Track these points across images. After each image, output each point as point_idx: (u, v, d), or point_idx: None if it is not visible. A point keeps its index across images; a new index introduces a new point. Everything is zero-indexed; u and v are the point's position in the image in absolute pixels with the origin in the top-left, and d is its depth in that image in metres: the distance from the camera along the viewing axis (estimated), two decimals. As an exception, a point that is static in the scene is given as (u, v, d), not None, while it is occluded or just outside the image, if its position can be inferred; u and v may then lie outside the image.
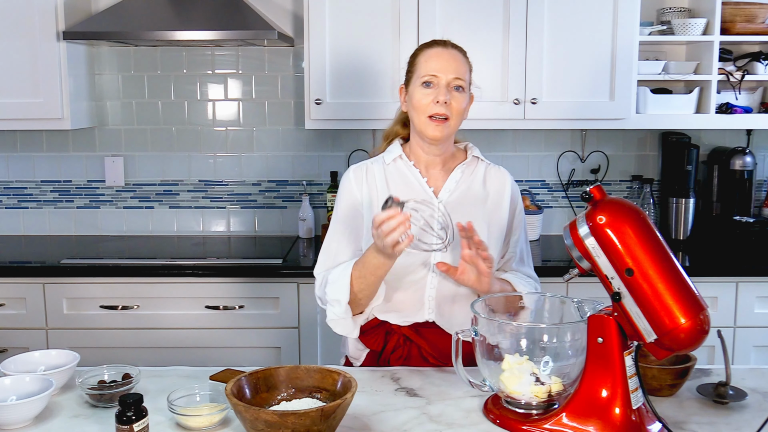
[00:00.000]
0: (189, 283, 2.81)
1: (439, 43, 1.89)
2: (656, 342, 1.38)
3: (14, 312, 2.82)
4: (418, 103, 1.84)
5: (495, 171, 1.97)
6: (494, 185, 1.95)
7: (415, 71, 1.88)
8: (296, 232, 3.37)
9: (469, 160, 1.95)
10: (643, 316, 1.38)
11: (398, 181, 1.92)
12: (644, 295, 1.38)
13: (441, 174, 1.93)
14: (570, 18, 2.91)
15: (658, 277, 1.37)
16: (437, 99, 1.82)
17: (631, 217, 1.42)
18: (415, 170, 1.92)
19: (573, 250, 1.47)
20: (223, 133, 3.37)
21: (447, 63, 1.84)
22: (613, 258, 1.41)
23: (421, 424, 1.51)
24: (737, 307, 2.82)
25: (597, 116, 2.97)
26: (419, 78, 1.85)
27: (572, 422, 1.44)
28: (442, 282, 1.86)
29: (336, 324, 1.87)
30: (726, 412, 1.57)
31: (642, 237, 1.40)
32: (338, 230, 1.94)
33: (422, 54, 1.88)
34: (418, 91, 1.84)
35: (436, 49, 1.87)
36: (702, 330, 1.36)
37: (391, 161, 1.94)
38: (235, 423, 1.51)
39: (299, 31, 3.21)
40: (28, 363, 1.72)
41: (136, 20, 2.88)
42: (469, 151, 1.98)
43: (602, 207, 1.43)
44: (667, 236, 3.20)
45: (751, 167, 3.18)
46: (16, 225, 3.42)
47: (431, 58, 1.85)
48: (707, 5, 3.00)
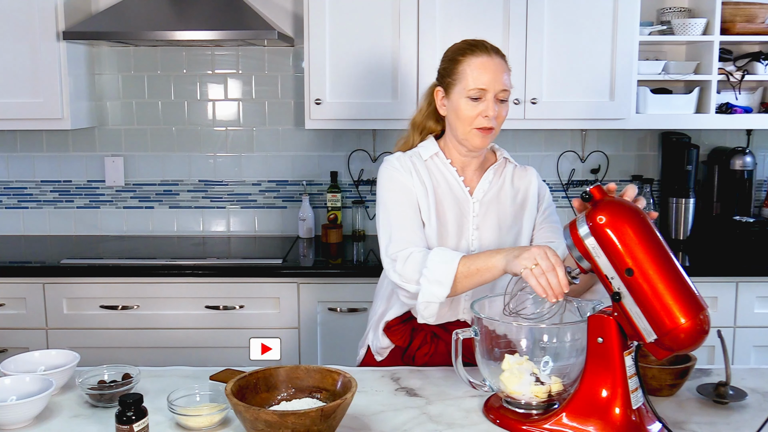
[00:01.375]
0: (189, 283, 2.81)
1: (481, 49, 1.83)
2: (656, 342, 1.38)
3: (14, 312, 2.82)
4: (464, 115, 1.82)
5: (522, 171, 2.00)
6: (522, 184, 1.97)
7: (460, 80, 1.82)
8: (296, 232, 3.37)
9: (500, 162, 1.97)
10: (643, 316, 1.38)
11: (438, 177, 1.91)
12: (644, 295, 1.38)
13: (475, 174, 1.94)
14: (570, 18, 2.91)
15: (658, 277, 1.37)
16: (486, 113, 1.80)
17: (631, 217, 1.41)
18: (452, 169, 1.92)
19: (573, 250, 1.48)
20: (223, 133, 3.37)
21: (495, 75, 1.80)
22: (613, 258, 1.41)
23: (421, 424, 1.51)
24: (737, 307, 2.82)
25: (597, 116, 2.98)
26: (466, 89, 1.80)
27: (572, 422, 1.44)
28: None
29: (427, 306, 1.74)
30: (726, 412, 1.57)
31: (642, 237, 1.40)
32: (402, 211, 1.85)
33: (467, 62, 1.82)
34: (465, 103, 1.81)
35: (481, 59, 1.81)
36: (702, 330, 1.36)
37: (428, 157, 1.93)
38: (235, 423, 1.51)
39: (299, 31, 3.21)
40: (28, 363, 1.72)
41: (136, 20, 2.88)
42: (498, 153, 1.99)
43: (602, 207, 1.43)
44: (667, 236, 3.20)
45: (751, 167, 3.18)
46: (16, 225, 3.42)
47: (478, 70, 1.80)
48: (707, 5, 3.00)
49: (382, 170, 1.92)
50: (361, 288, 2.81)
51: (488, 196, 1.92)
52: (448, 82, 1.86)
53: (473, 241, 1.90)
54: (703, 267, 2.90)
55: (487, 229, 1.90)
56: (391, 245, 1.83)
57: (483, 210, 1.91)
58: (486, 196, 1.92)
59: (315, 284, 2.81)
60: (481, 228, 1.90)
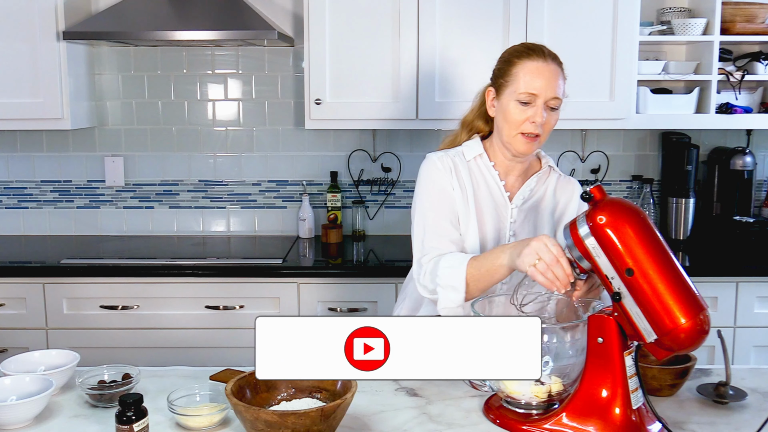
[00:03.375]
0: (189, 283, 2.81)
1: (538, 54, 1.80)
2: (656, 342, 1.38)
3: (14, 312, 2.82)
4: (512, 118, 1.79)
5: (565, 182, 1.96)
6: (564, 196, 1.94)
7: (512, 83, 1.79)
8: (296, 232, 3.37)
9: (545, 170, 1.94)
10: (643, 316, 1.38)
11: (479, 179, 1.89)
12: (644, 295, 1.38)
13: (517, 180, 1.91)
14: (570, 18, 2.91)
15: (658, 277, 1.37)
16: (534, 119, 1.77)
17: (631, 217, 1.41)
18: (494, 172, 1.89)
19: (573, 250, 1.48)
20: (223, 133, 3.37)
21: (548, 81, 1.77)
22: (613, 258, 1.41)
23: (421, 424, 1.51)
24: (737, 307, 2.82)
25: (597, 116, 2.97)
26: (516, 92, 1.78)
27: (572, 422, 1.44)
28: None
29: (449, 312, 1.75)
30: (726, 412, 1.57)
31: (642, 237, 1.40)
32: (438, 214, 1.84)
33: (521, 65, 1.79)
34: (514, 106, 1.79)
35: (537, 63, 1.78)
36: (702, 330, 1.36)
37: (471, 158, 1.91)
38: (235, 423, 1.51)
39: (299, 31, 3.21)
40: (28, 363, 1.72)
41: (136, 20, 2.88)
42: (543, 160, 1.96)
43: (602, 207, 1.43)
44: (667, 236, 3.20)
45: (751, 167, 3.18)
46: (16, 225, 3.42)
47: (532, 74, 1.77)
48: (707, 5, 3.00)
49: (422, 169, 1.90)
50: (361, 288, 2.81)
51: (528, 204, 1.90)
52: (501, 83, 1.83)
53: None
54: (703, 267, 2.90)
55: (523, 236, 1.87)
56: (422, 252, 1.83)
57: (521, 217, 1.89)
58: (525, 204, 1.90)
59: (315, 284, 2.81)
60: (518, 235, 1.88)
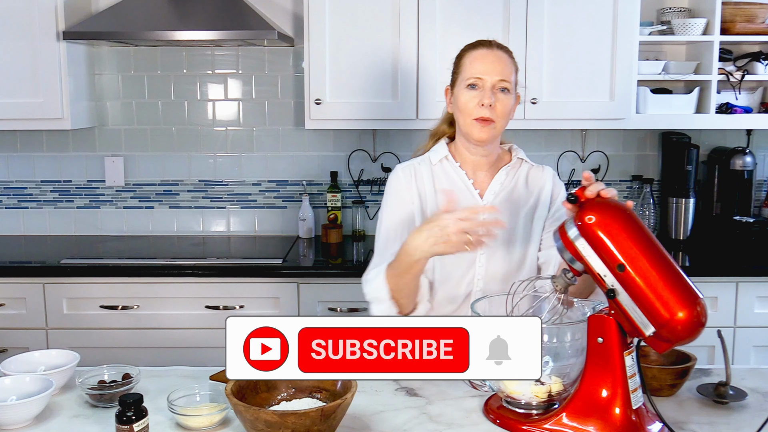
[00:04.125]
0: (189, 283, 2.81)
1: (484, 44, 1.87)
2: (655, 335, 1.38)
3: (14, 312, 2.82)
4: (463, 106, 1.83)
5: (537, 170, 1.98)
6: (536, 185, 1.95)
7: (461, 73, 1.86)
8: (296, 232, 3.37)
9: (514, 162, 1.96)
10: (639, 310, 1.39)
11: (444, 182, 1.91)
12: (638, 288, 1.38)
13: (486, 176, 1.93)
14: (570, 18, 2.91)
15: (650, 270, 1.38)
16: (482, 102, 1.80)
17: (619, 214, 1.43)
18: (461, 172, 1.92)
19: (564, 253, 1.48)
20: (223, 133, 3.37)
21: (492, 65, 1.82)
22: (605, 256, 1.41)
23: (421, 424, 1.51)
24: (737, 307, 2.82)
25: (597, 116, 2.97)
26: (464, 80, 1.83)
27: (572, 422, 1.44)
28: (488, 285, 1.86)
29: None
30: (726, 412, 1.57)
31: (631, 232, 1.41)
32: (390, 232, 1.90)
33: (467, 56, 1.86)
34: (464, 94, 1.83)
35: (481, 51, 1.85)
36: (699, 318, 1.36)
37: (437, 161, 1.93)
38: (235, 423, 1.51)
39: (299, 31, 3.20)
40: (28, 363, 1.72)
41: (136, 20, 2.88)
42: (513, 153, 1.98)
43: (590, 207, 1.44)
44: (667, 236, 3.21)
45: (751, 167, 3.18)
46: (16, 225, 3.42)
47: (476, 60, 1.83)
48: (707, 5, 3.00)
49: (387, 182, 1.97)
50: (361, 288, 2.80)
51: (499, 198, 1.91)
52: (453, 78, 1.90)
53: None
54: (703, 267, 2.90)
55: (497, 232, 1.88)
56: (367, 271, 1.90)
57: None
58: (497, 198, 1.91)
59: (315, 284, 2.81)
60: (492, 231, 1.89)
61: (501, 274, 1.88)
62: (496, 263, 1.87)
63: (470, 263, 1.87)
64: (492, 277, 1.87)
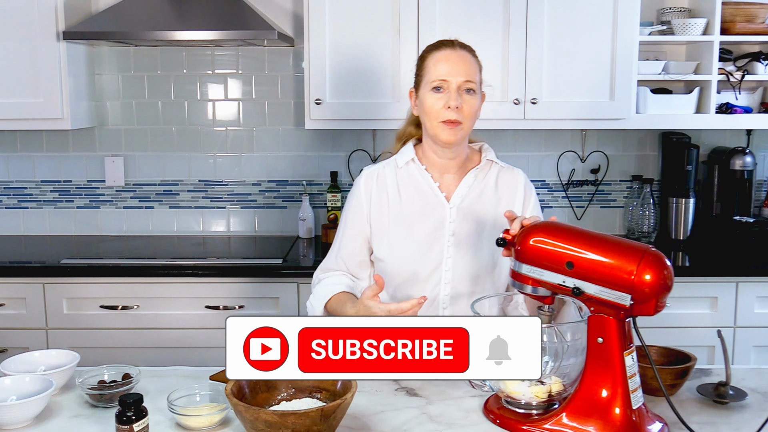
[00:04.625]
0: (189, 283, 2.81)
1: (446, 44, 1.85)
2: (635, 299, 1.39)
3: (14, 312, 2.82)
4: (429, 109, 1.82)
5: (508, 173, 1.95)
6: (507, 189, 1.93)
7: (425, 75, 1.84)
8: (296, 232, 3.37)
9: (483, 164, 1.93)
10: (607, 288, 1.41)
11: (410, 186, 1.91)
12: (594, 271, 1.42)
13: (454, 178, 1.91)
14: (570, 18, 2.91)
15: (594, 251, 1.43)
16: (448, 104, 1.79)
17: (540, 227, 1.52)
18: (426, 175, 1.90)
19: (525, 288, 1.53)
20: (223, 133, 3.37)
21: (456, 66, 1.80)
22: (550, 264, 1.47)
23: (421, 424, 1.51)
24: (737, 307, 2.82)
25: (597, 116, 2.97)
26: (429, 83, 1.82)
27: (572, 422, 1.45)
28: (456, 289, 1.87)
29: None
30: (726, 412, 1.57)
31: (559, 233, 1.49)
32: (343, 235, 1.96)
33: (430, 57, 1.85)
34: (429, 96, 1.82)
35: (444, 52, 1.83)
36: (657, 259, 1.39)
37: (403, 164, 1.92)
38: (235, 423, 1.51)
39: (299, 31, 3.20)
40: (28, 363, 1.72)
41: (136, 20, 2.88)
42: (483, 154, 1.95)
43: (518, 239, 1.52)
44: (667, 236, 3.21)
45: (751, 167, 3.18)
46: (16, 225, 3.42)
47: (440, 62, 1.82)
48: (707, 5, 3.00)
49: (353, 184, 1.99)
50: (361, 288, 2.81)
51: (467, 201, 1.89)
52: (417, 80, 1.89)
53: (448, 248, 1.86)
54: (703, 267, 2.90)
55: (463, 235, 1.87)
56: (320, 266, 1.99)
57: (460, 216, 1.88)
58: (464, 202, 1.89)
59: (315, 284, 2.81)
60: (457, 234, 1.87)
61: (469, 277, 1.86)
62: (464, 267, 1.86)
63: (436, 266, 1.86)
64: (460, 280, 1.86)
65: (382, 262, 1.90)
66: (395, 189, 1.91)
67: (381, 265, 1.91)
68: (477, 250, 1.87)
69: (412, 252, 1.87)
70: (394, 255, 1.88)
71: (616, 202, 3.40)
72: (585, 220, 3.38)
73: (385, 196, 1.91)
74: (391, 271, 1.88)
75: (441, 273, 1.86)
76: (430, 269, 1.86)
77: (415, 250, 1.87)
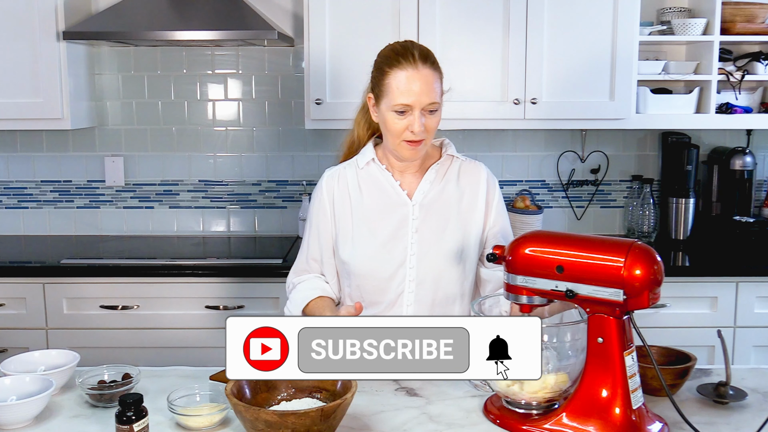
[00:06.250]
0: (189, 283, 2.81)
1: (407, 59, 1.75)
2: (628, 296, 1.39)
3: (14, 312, 2.82)
4: (392, 128, 1.79)
5: (470, 167, 1.93)
6: (469, 182, 1.91)
7: (386, 93, 1.77)
8: (296, 232, 3.37)
9: (444, 159, 1.92)
10: (600, 287, 1.42)
11: (371, 186, 1.91)
12: (584, 272, 1.43)
13: (415, 176, 1.91)
14: (570, 18, 2.90)
15: (581, 253, 1.45)
16: (412, 128, 1.76)
17: (525, 238, 1.53)
18: (387, 174, 1.90)
19: (520, 299, 1.54)
20: (223, 133, 3.37)
21: (421, 89, 1.73)
22: (541, 271, 1.48)
23: (421, 424, 1.51)
24: (737, 307, 2.82)
25: (597, 116, 2.97)
26: (391, 104, 1.76)
27: (572, 422, 1.45)
28: (421, 286, 1.87)
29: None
30: (726, 412, 1.57)
31: (544, 240, 1.51)
32: (309, 236, 1.98)
33: (393, 77, 1.75)
34: (391, 116, 1.78)
35: (407, 72, 1.74)
36: (643, 252, 1.40)
37: (364, 164, 1.92)
38: (235, 423, 1.51)
39: (299, 31, 3.20)
40: (28, 363, 1.72)
41: (136, 20, 2.88)
42: (443, 149, 1.93)
43: (507, 253, 1.54)
44: (667, 236, 3.21)
45: (751, 167, 3.18)
46: (16, 225, 3.42)
47: (402, 84, 1.74)
48: (707, 5, 3.00)
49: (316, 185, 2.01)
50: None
51: (428, 198, 1.88)
52: (377, 92, 1.82)
53: (412, 245, 1.86)
54: (703, 267, 2.90)
55: (427, 232, 1.86)
56: (292, 269, 2.00)
57: (423, 213, 1.87)
58: (426, 198, 1.88)
59: (315, 284, 2.81)
60: (420, 230, 1.86)
61: (433, 273, 1.86)
62: (428, 264, 1.86)
63: (400, 264, 1.86)
64: (424, 277, 1.86)
65: (347, 264, 1.90)
66: (357, 189, 1.91)
67: (345, 267, 1.91)
68: (441, 246, 1.86)
69: (375, 251, 1.87)
70: (357, 255, 1.88)
71: (616, 202, 3.40)
72: (585, 220, 3.38)
73: (347, 196, 1.91)
74: (356, 271, 1.88)
75: (405, 271, 1.86)
76: (393, 267, 1.86)
77: (378, 249, 1.87)
